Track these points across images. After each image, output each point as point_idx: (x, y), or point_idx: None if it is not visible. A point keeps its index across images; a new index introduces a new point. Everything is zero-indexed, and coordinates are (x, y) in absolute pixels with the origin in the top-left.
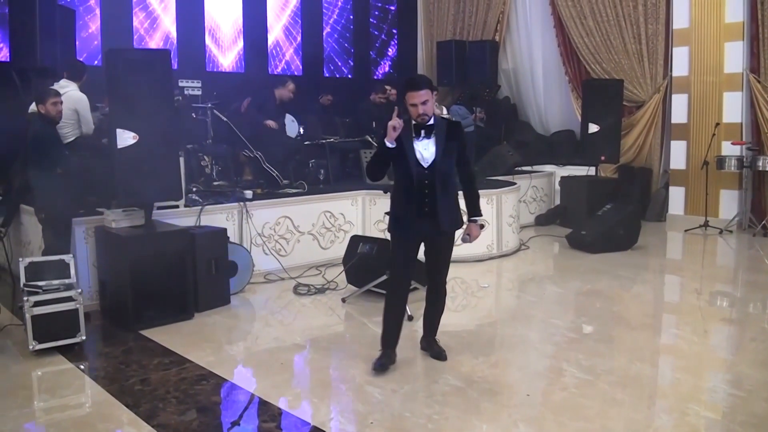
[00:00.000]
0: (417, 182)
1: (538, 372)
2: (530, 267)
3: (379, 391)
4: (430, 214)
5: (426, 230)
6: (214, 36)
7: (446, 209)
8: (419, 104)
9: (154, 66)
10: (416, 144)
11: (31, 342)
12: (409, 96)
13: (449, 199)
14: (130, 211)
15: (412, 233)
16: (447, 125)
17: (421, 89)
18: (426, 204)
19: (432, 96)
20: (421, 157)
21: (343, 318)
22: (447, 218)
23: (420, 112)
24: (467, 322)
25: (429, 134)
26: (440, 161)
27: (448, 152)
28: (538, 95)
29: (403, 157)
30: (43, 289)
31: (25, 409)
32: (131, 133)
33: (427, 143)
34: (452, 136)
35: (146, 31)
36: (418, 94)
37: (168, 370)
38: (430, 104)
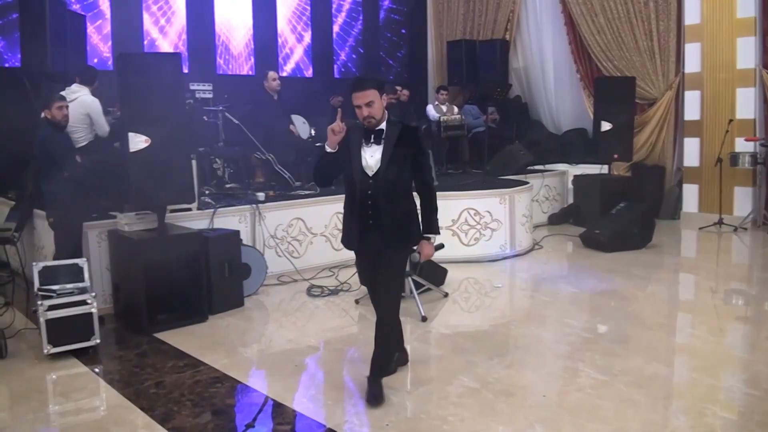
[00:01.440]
0: (360, 192)
1: (553, 373)
2: (544, 267)
3: (394, 393)
4: (375, 227)
5: (374, 245)
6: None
7: (393, 222)
8: (363, 105)
9: (165, 70)
10: (364, 150)
11: (46, 346)
12: (354, 97)
13: (398, 212)
14: (143, 215)
15: (361, 248)
16: (400, 130)
17: (365, 89)
18: (370, 216)
19: (380, 97)
20: (366, 165)
21: (356, 319)
22: (392, 232)
23: (365, 114)
24: (481, 322)
25: (378, 140)
26: (385, 170)
27: (395, 160)
28: (549, 94)
29: (348, 164)
30: (57, 293)
31: (40, 413)
32: (143, 136)
33: (374, 150)
34: (403, 142)
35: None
36: (362, 95)
37: (182, 373)
38: (378, 106)
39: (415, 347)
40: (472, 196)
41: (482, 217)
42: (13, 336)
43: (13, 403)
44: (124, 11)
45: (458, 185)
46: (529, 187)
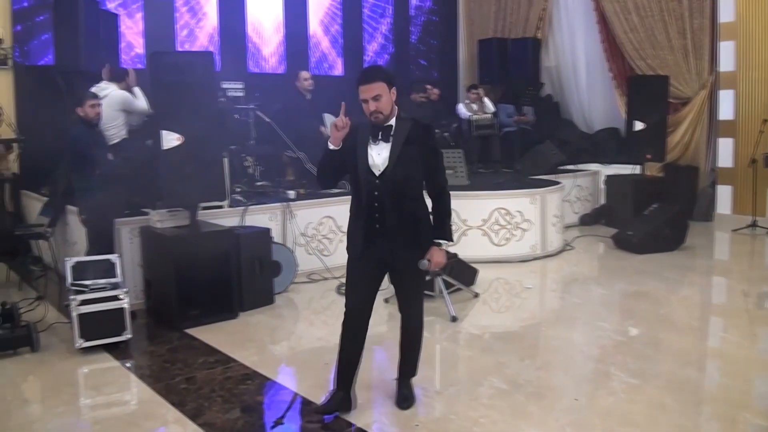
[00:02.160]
0: (367, 193)
1: (584, 376)
2: (575, 268)
3: (423, 393)
4: (382, 232)
5: (382, 252)
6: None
7: (402, 227)
8: (370, 99)
9: (198, 68)
10: (371, 148)
11: (78, 340)
12: (360, 90)
13: (407, 215)
14: (175, 212)
15: (365, 254)
16: (411, 126)
17: (372, 81)
18: (377, 220)
19: (389, 91)
20: (373, 164)
21: (386, 318)
22: (403, 238)
23: (372, 108)
24: (511, 323)
25: (386, 137)
26: (392, 169)
27: (404, 159)
28: (581, 93)
29: (354, 164)
30: (89, 288)
31: (71, 406)
32: (176, 134)
33: (381, 148)
34: (413, 140)
35: (189, 34)
36: (369, 88)
37: (213, 369)
38: (386, 100)
39: (444, 347)
40: (503, 195)
41: (513, 217)
42: (45, 329)
43: (44, 396)
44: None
45: (489, 185)
46: (561, 187)
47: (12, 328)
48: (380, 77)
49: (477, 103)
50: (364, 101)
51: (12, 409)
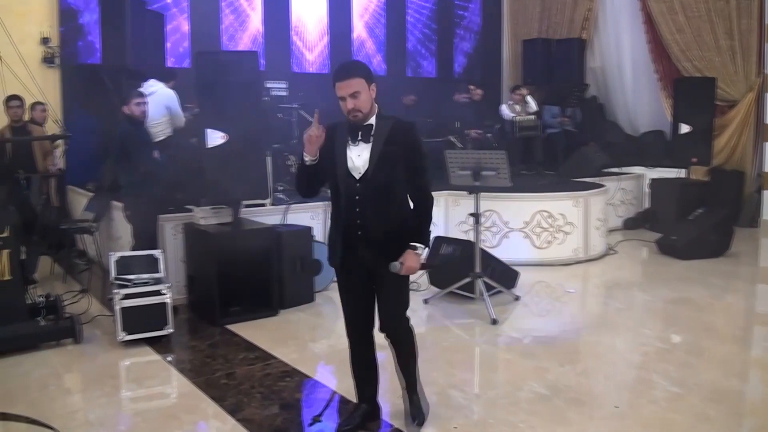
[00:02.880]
0: (346, 198)
1: (625, 383)
2: (618, 272)
3: (462, 396)
4: (365, 239)
5: (365, 260)
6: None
7: (386, 233)
8: (348, 97)
9: (243, 67)
10: (350, 150)
11: (120, 333)
12: (337, 87)
13: (391, 221)
14: (218, 209)
15: (348, 264)
16: (392, 125)
17: (350, 77)
18: (358, 226)
19: (368, 87)
20: (352, 167)
21: (425, 319)
22: (387, 245)
23: (349, 107)
24: (552, 327)
25: (367, 137)
26: (373, 171)
27: (386, 160)
28: (626, 94)
29: (332, 167)
30: (132, 283)
31: (113, 397)
32: (220, 132)
33: (362, 149)
34: (394, 140)
35: (234, 34)
36: (346, 84)
37: (253, 366)
38: (365, 98)
39: (484, 350)
40: (545, 198)
41: (555, 220)
42: (88, 322)
43: (86, 387)
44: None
45: (531, 186)
46: (605, 190)
47: (56, 320)
48: (358, 73)
49: (520, 104)
50: (341, 99)
51: (55, 398)
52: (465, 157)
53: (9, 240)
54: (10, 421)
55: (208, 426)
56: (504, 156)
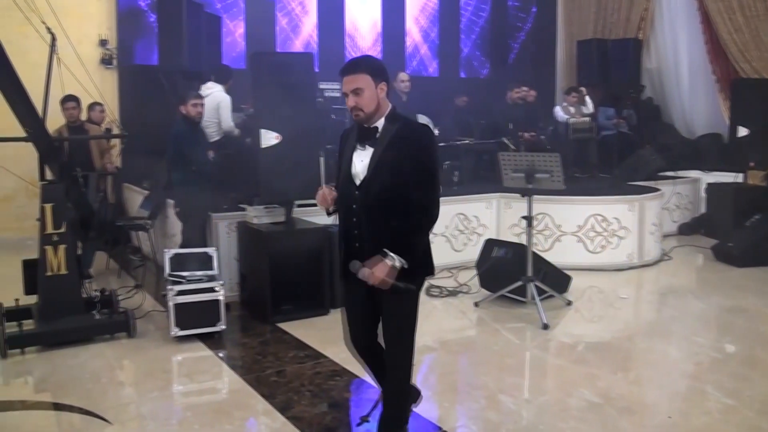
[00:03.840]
0: (345, 207)
1: (679, 393)
2: (672, 279)
3: (512, 401)
4: (362, 251)
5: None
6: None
7: (384, 246)
8: (350, 93)
9: (297, 69)
10: (357, 154)
11: (173, 328)
12: (342, 82)
13: (390, 233)
14: (271, 208)
15: (349, 282)
16: (399, 127)
17: (355, 73)
18: (356, 238)
19: (375, 85)
20: (355, 172)
21: (475, 322)
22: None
23: (351, 104)
24: (604, 333)
25: (372, 140)
26: (371, 178)
27: (383, 166)
28: (683, 96)
29: (339, 170)
30: (186, 279)
31: (165, 391)
32: (274, 133)
33: (366, 153)
34: (397, 144)
35: (289, 35)
36: (350, 80)
37: (303, 364)
38: (369, 96)
39: (534, 355)
40: (599, 201)
41: (609, 224)
42: (142, 317)
43: (139, 380)
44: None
45: (585, 190)
46: (660, 194)
47: (110, 314)
48: (364, 68)
49: (575, 106)
50: (345, 95)
51: (108, 390)
52: (518, 159)
53: (65, 236)
54: (64, 411)
55: (258, 422)
56: (558, 158)
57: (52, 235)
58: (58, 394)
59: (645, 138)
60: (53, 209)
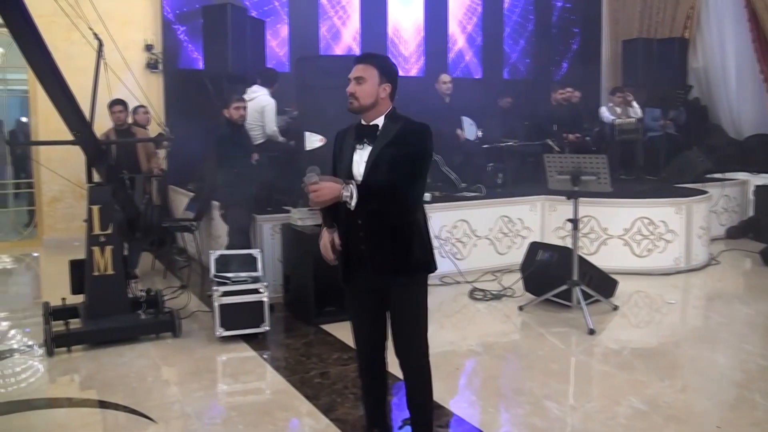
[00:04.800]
0: (346, 208)
1: (727, 402)
2: (719, 284)
3: (557, 407)
4: (367, 255)
5: (371, 279)
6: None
7: (388, 249)
8: (352, 79)
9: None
10: (356, 153)
11: (218, 329)
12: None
13: (395, 234)
14: (315, 210)
15: (354, 283)
16: (401, 127)
17: (363, 62)
18: (359, 240)
19: (379, 82)
20: (357, 172)
21: (519, 327)
22: (391, 262)
23: (349, 90)
24: (651, 339)
25: (372, 139)
26: (370, 174)
27: (382, 162)
28: (730, 96)
29: (337, 172)
30: (231, 281)
31: (209, 391)
32: (318, 136)
33: (365, 152)
34: (396, 142)
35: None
36: (357, 68)
37: (346, 366)
38: (368, 89)
39: (580, 360)
40: (646, 204)
41: (656, 227)
42: (187, 317)
43: (184, 379)
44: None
45: (632, 192)
46: (708, 196)
47: (156, 314)
48: (375, 63)
49: (621, 107)
50: (349, 81)
51: (153, 389)
52: (564, 161)
53: (112, 237)
54: (109, 409)
55: (302, 424)
56: (604, 160)
57: (99, 236)
58: (103, 392)
59: (692, 139)
60: (100, 211)
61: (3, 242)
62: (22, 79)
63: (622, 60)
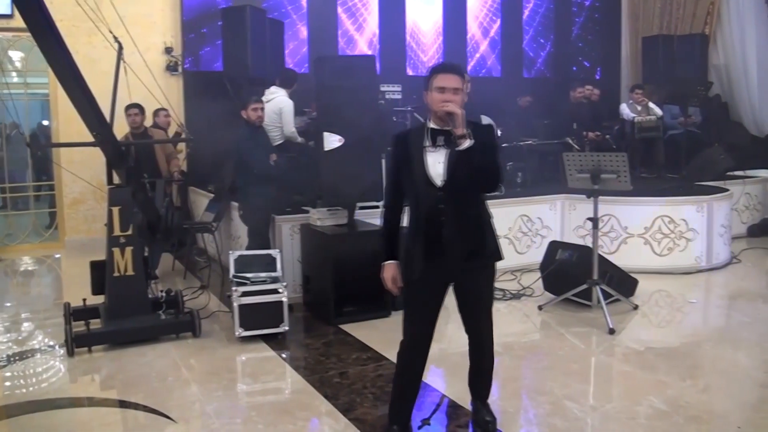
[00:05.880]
0: (428, 208)
1: (749, 402)
2: (741, 283)
3: (578, 408)
4: (447, 248)
5: (444, 270)
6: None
7: (468, 239)
8: (450, 89)
9: (360, 72)
10: (429, 155)
11: (238, 329)
12: (439, 78)
13: (474, 225)
14: (334, 211)
15: (426, 276)
16: (473, 129)
17: (456, 73)
18: (441, 235)
19: (464, 88)
20: (435, 173)
21: (539, 326)
22: (469, 250)
23: (447, 98)
24: (672, 339)
25: (448, 142)
26: (453, 176)
27: (466, 164)
28: (752, 93)
29: (410, 176)
30: (251, 281)
31: (229, 390)
32: (337, 136)
33: (442, 154)
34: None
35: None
36: (453, 78)
37: (365, 366)
38: (461, 97)
39: (600, 360)
40: (667, 202)
41: (677, 226)
42: (207, 317)
43: (204, 379)
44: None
45: (652, 190)
46: (729, 194)
47: (176, 314)
48: (462, 74)
49: (642, 105)
50: (440, 89)
51: (173, 388)
52: (584, 159)
53: (132, 238)
54: (130, 409)
55: (321, 423)
56: (625, 158)
57: (119, 237)
58: (124, 392)
59: (713, 137)
60: (120, 212)
61: (25, 244)
62: (44, 83)
63: (642, 57)
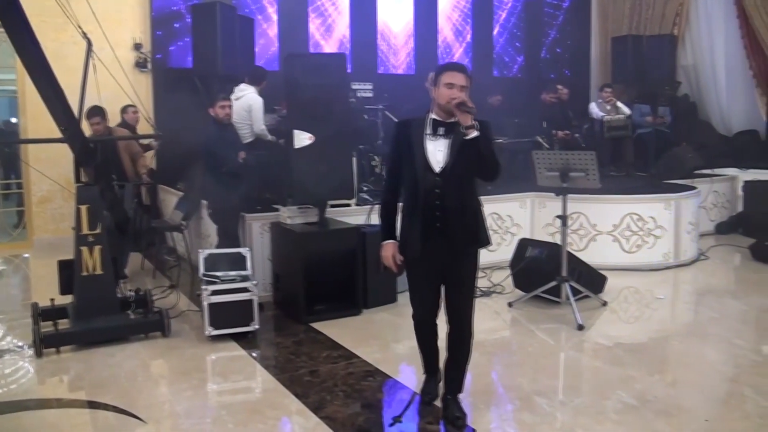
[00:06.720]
0: (425, 192)
1: (717, 396)
2: (709, 279)
3: (547, 403)
4: (442, 231)
5: (440, 252)
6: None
7: (462, 225)
8: (459, 86)
9: (331, 70)
10: (429, 143)
11: (207, 328)
12: (448, 75)
13: (468, 210)
14: (304, 209)
15: (424, 256)
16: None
17: (464, 73)
18: (437, 218)
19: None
20: (435, 160)
21: (509, 323)
22: (461, 237)
23: (456, 95)
24: (640, 335)
25: (448, 132)
26: (454, 165)
27: (465, 154)
28: (719, 92)
29: (410, 161)
30: (220, 279)
31: (199, 390)
32: (307, 134)
33: (442, 143)
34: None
35: (321, 37)
36: (462, 77)
37: (336, 364)
38: (465, 95)
39: (569, 356)
40: (635, 200)
41: (645, 223)
42: (177, 316)
43: (173, 379)
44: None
45: (621, 188)
46: (697, 192)
47: (145, 314)
48: (468, 74)
49: (610, 103)
50: (449, 85)
51: (143, 389)
52: (553, 157)
53: (101, 237)
54: (99, 410)
55: (292, 422)
56: (593, 156)
57: (88, 236)
58: (93, 393)
59: (681, 136)
60: (88, 210)
61: None
62: (11, 79)
63: (611, 57)
